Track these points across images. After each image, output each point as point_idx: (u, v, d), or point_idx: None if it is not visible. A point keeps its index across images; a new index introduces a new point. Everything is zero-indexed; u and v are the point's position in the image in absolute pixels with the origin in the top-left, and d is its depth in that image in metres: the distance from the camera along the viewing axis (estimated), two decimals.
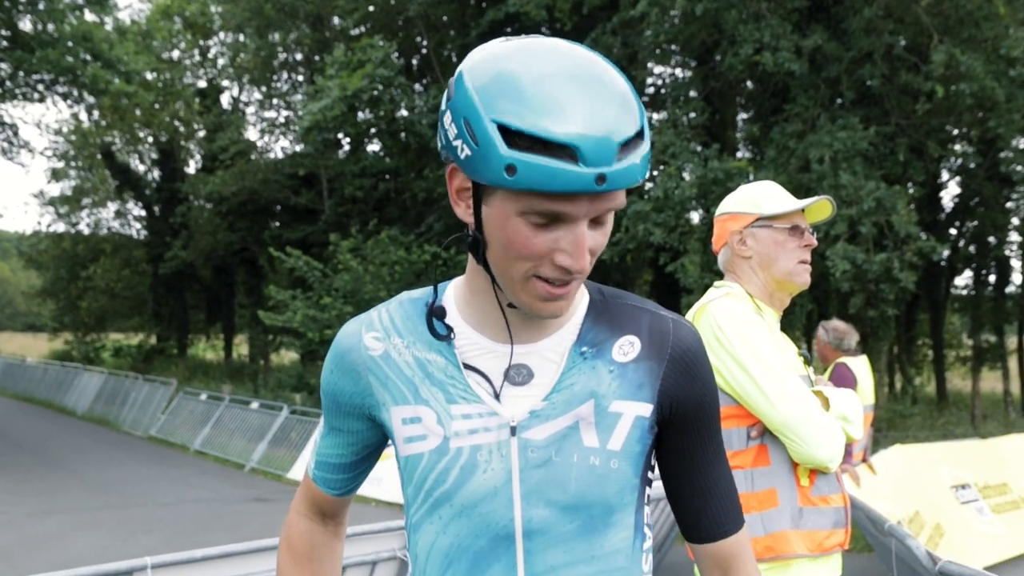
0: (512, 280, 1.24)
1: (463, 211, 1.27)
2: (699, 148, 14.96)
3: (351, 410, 1.43)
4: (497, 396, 1.32)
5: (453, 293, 1.40)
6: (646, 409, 1.33)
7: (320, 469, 1.53)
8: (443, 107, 1.23)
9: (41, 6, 19.40)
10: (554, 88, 1.13)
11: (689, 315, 2.48)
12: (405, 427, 1.34)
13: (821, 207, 2.53)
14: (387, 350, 1.38)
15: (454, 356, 1.34)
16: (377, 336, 1.39)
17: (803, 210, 2.53)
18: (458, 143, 1.18)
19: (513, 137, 1.12)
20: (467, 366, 1.33)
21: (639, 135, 1.17)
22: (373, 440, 1.48)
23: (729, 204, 2.61)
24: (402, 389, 1.35)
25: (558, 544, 1.29)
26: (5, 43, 20.39)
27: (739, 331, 2.33)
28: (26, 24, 20.11)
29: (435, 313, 1.36)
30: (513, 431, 1.30)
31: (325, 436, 1.51)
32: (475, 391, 1.32)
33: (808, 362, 2.57)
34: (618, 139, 1.13)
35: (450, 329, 1.36)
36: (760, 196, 2.55)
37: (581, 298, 1.39)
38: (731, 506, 1.42)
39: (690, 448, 1.39)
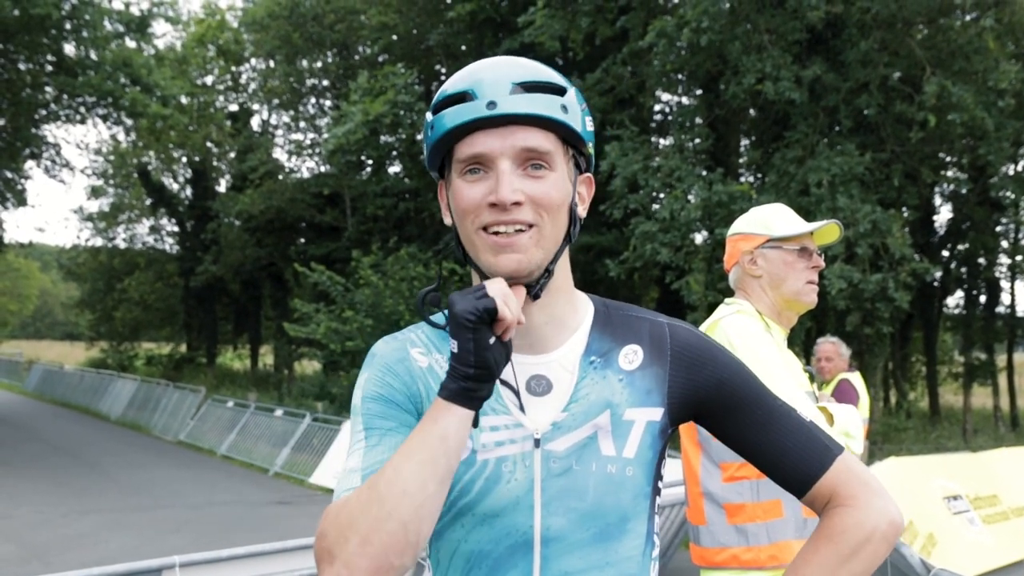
0: (472, 244, 1.29)
1: (445, 214, 1.37)
2: (704, 172, 14.95)
3: (406, 406, 1.32)
4: (522, 407, 1.30)
5: None
6: (656, 413, 1.32)
7: None
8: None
9: (85, 33, 19.60)
10: (467, 69, 1.32)
11: (702, 329, 2.44)
12: None
13: (829, 230, 2.52)
14: (431, 364, 1.36)
15: None
16: (421, 352, 1.37)
17: (812, 233, 2.51)
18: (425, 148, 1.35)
19: (434, 109, 1.30)
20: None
21: (549, 88, 1.28)
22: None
23: (741, 225, 2.59)
24: None
25: (574, 551, 1.27)
26: (51, 68, 20.60)
27: (749, 346, 2.30)
28: (70, 50, 20.31)
29: (430, 301, 1.31)
30: (537, 443, 1.29)
31: (373, 448, 1.26)
32: (504, 402, 1.31)
33: (812, 378, 2.54)
34: (512, 80, 1.26)
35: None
36: (771, 218, 2.54)
37: (587, 309, 1.38)
38: (808, 451, 1.32)
39: (740, 425, 1.35)
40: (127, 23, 20.86)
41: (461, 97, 1.26)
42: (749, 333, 2.33)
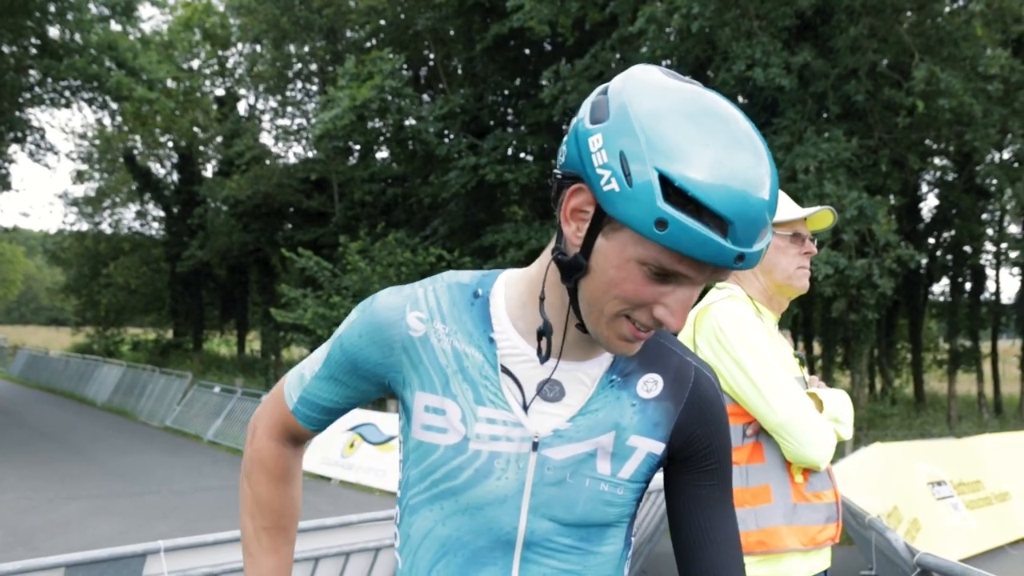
0: (601, 314, 1.17)
1: (572, 231, 1.16)
2: None
3: (367, 375, 1.34)
4: (526, 407, 1.27)
5: (504, 290, 1.31)
6: (658, 447, 1.31)
7: (305, 407, 1.41)
8: (588, 126, 1.12)
9: (69, 16, 19.42)
10: (724, 156, 1.05)
11: (692, 315, 2.42)
12: (426, 414, 1.29)
13: (823, 216, 2.49)
14: (427, 333, 1.29)
15: (494, 356, 1.27)
16: (421, 317, 1.29)
17: (805, 218, 2.49)
18: (605, 173, 1.07)
19: (670, 190, 1.04)
20: (503, 369, 1.27)
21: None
22: (372, 396, 1.40)
23: None
24: (433, 377, 1.28)
25: (554, 555, 1.28)
26: (35, 51, 20.42)
27: (740, 332, 2.29)
28: (55, 33, 20.13)
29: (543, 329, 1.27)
30: (535, 446, 1.26)
31: (321, 380, 1.38)
32: (505, 397, 1.26)
33: (803, 363, 2.53)
34: (765, 222, 1.08)
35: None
36: None
37: None
38: (733, 559, 1.33)
39: (696, 488, 1.34)
40: (112, 6, 20.70)
41: (716, 219, 1.04)
42: (739, 319, 2.32)
